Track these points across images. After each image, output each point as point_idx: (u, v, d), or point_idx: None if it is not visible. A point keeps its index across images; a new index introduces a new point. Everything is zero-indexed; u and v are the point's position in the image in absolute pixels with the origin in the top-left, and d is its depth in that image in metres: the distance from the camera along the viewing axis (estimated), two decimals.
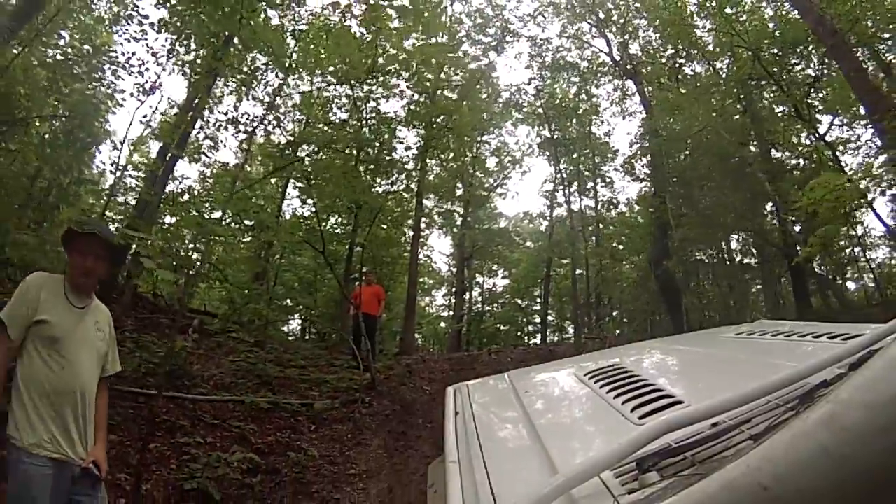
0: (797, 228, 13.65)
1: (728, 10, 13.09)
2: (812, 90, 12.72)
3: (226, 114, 12.27)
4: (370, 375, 7.99)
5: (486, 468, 1.23)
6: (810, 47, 12.32)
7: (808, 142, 14.54)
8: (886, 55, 12.30)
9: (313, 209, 13.83)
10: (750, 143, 15.06)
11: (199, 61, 10.57)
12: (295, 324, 19.24)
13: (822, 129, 14.56)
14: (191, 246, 7.00)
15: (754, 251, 18.05)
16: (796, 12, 11.38)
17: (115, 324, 2.62)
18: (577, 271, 21.46)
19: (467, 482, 1.19)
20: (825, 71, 12.50)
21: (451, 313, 23.74)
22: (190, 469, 4.11)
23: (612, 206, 22.50)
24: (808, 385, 0.98)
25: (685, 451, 0.90)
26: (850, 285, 19.00)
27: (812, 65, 12.89)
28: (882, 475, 0.46)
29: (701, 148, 15.25)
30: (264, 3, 9.18)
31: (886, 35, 10.83)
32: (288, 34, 11.94)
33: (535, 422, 1.43)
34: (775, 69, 12.71)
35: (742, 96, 14.94)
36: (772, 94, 13.86)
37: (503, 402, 1.87)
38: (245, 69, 11.93)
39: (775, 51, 12.89)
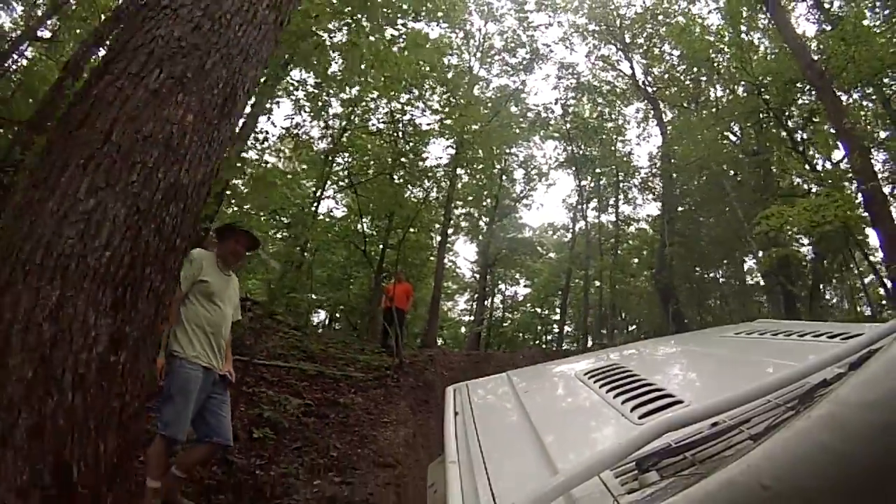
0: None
1: (741, 40, 13.16)
2: (808, 124, 12.84)
3: (287, 129, 12.73)
4: (398, 358, 9.03)
5: (486, 468, 1.21)
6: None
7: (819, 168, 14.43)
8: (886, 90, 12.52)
9: (355, 212, 14.28)
10: (749, 170, 15.42)
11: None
12: (320, 316, 19.68)
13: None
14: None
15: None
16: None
17: None
18: (597, 283, 21.53)
19: (467, 482, 1.17)
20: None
21: (472, 318, 23.81)
22: (260, 408, 5.26)
23: (631, 223, 22.59)
24: (807, 385, 0.95)
25: (685, 451, 0.87)
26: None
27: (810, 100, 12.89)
28: (882, 474, 0.44)
29: (704, 174, 15.80)
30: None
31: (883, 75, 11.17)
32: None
33: (535, 422, 1.40)
34: (779, 101, 12.89)
35: (749, 125, 15.30)
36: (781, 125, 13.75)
37: (503, 402, 1.85)
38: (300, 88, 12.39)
39: (777, 85, 12.93)
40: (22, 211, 1.58)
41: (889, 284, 10.80)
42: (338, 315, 18.72)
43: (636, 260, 21.30)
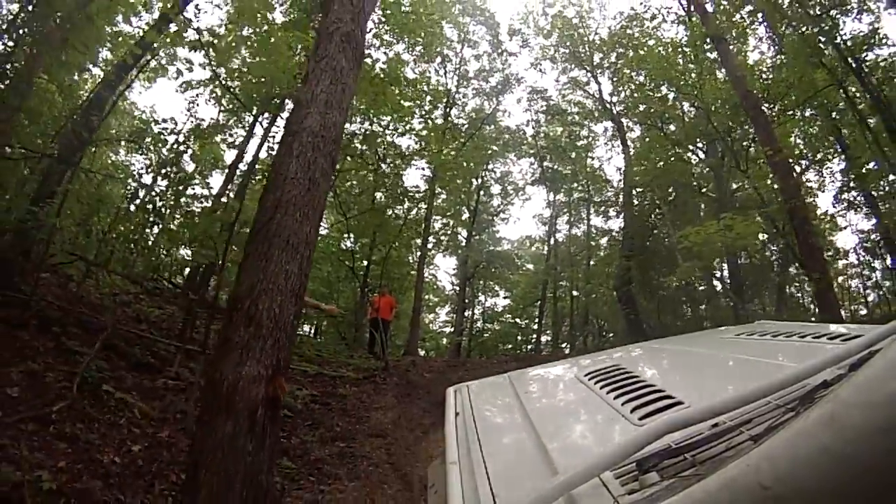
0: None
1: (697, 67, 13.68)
2: (751, 145, 13.37)
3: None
4: (384, 362, 9.92)
5: (486, 468, 1.18)
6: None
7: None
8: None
9: (340, 231, 14.35)
10: (706, 186, 16.36)
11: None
12: (305, 329, 19.45)
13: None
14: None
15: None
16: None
17: None
18: (574, 293, 21.69)
19: (467, 482, 1.14)
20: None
21: (453, 329, 23.74)
22: None
23: (603, 234, 22.78)
24: (808, 385, 0.93)
25: (685, 452, 0.86)
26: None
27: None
28: (882, 475, 0.43)
29: (659, 191, 16.53)
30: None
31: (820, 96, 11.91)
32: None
33: (535, 422, 1.37)
34: (727, 125, 13.54)
35: (702, 146, 16.31)
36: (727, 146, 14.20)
37: (503, 402, 1.80)
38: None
39: (726, 110, 13.69)
40: (254, 266, 3.40)
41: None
42: (322, 328, 18.58)
43: (610, 269, 21.59)
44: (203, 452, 2.79)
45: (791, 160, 13.20)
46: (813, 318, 12.41)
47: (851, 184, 14.68)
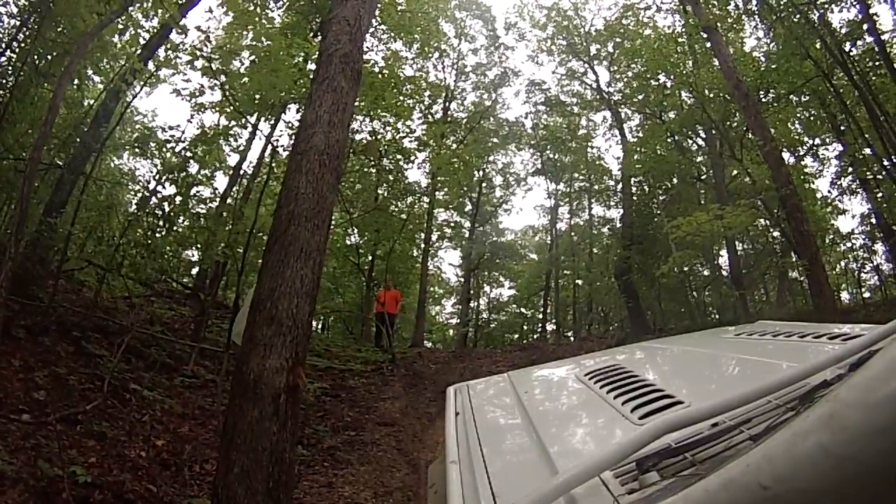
0: None
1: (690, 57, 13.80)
2: (746, 133, 13.33)
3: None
4: (391, 354, 10.09)
5: (486, 468, 1.16)
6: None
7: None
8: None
9: (343, 227, 14.44)
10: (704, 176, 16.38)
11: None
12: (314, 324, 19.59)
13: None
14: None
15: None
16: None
17: None
18: (578, 282, 21.70)
19: (467, 482, 1.12)
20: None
21: (459, 321, 23.82)
22: None
23: (606, 223, 22.69)
24: (808, 385, 0.91)
25: (685, 452, 0.84)
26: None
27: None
28: (882, 475, 0.42)
29: (656, 179, 16.73)
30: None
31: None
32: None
33: (535, 422, 1.34)
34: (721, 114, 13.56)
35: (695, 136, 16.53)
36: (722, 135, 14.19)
37: (503, 402, 1.78)
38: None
39: (719, 99, 13.68)
40: (273, 272, 3.63)
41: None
42: (329, 323, 18.73)
43: (615, 258, 21.59)
44: (234, 434, 3.13)
45: (786, 147, 13.26)
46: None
47: (850, 168, 14.61)
